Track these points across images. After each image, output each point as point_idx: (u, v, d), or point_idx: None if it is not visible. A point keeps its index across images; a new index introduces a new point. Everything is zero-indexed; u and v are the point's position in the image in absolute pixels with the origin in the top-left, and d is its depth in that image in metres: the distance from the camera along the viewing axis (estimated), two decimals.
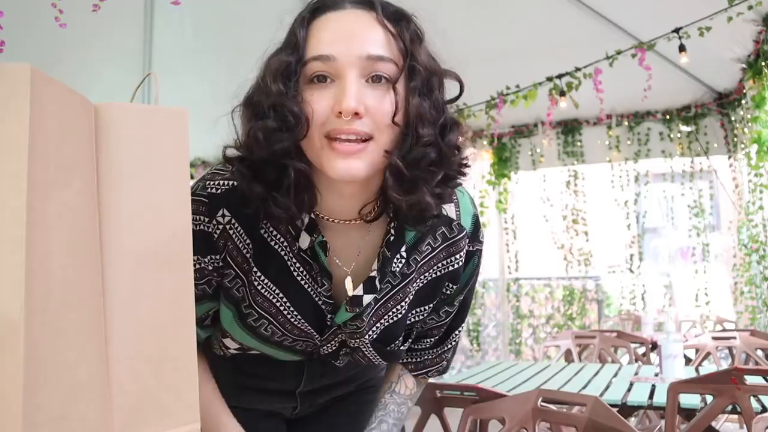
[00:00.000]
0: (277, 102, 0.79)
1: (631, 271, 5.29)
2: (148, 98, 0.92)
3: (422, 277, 0.98)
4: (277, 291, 0.93)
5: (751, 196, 4.19)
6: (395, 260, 0.93)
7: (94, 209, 0.58)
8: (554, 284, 6.18)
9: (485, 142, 5.46)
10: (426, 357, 1.11)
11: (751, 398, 1.77)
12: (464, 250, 0.99)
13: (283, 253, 0.92)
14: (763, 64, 3.64)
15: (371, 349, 0.99)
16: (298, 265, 0.92)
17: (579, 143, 5.28)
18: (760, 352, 2.98)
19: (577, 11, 3.75)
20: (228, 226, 0.89)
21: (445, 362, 1.13)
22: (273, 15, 0.86)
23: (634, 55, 3.73)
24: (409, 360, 1.11)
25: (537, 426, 1.39)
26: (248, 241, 0.91)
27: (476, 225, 1.01)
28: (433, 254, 0.97)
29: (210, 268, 0.91)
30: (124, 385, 0.59)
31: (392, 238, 0.92)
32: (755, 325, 4.28)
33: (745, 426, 1.73)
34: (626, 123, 5.11)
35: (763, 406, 1.86)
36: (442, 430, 1.71)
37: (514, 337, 5.67)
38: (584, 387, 2.38)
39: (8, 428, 0.47)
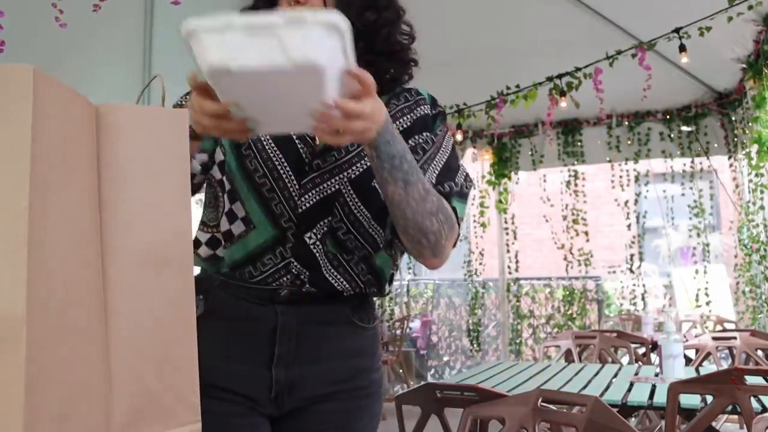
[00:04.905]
0: None
1: (631, 271, 5.29)
2: (148, 99, 0.93)
3: (395, 124, 1.12)
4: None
5: (751, 196, 4.20)
6: None
7: (95, 209, 0.58)
8: (554, 284, 6.18)
9: (485, 142, 5.47)
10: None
11: (751, 398, 1.77)
12: (427, 107, 1.16)
13: None
14: (764, 64, 3.64)
15: (353, 193, 1.07)
16: None
17: (579, 143, 5.28)
18: (760, 353, 2.98)
19: (577, 11, 3.75)
20: None
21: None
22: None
23: (634, 55, 3.73)
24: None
25: (537, 426, 1.39)
26: None
27: (433, 97, 1.18)
28: (398, 108, 1.15)
29: None
30: (124, 385, 0.59)
31: None
32: (756, 326, 4.28)
33: (745, 426, 1.74)
34: (626, 123, 5.11)
35: (763, 406, 1.86)
36: (442, 430, 1.71)
37: (514, 338, 5.67)
38: (584, 387, 2.38)
39: (9, 427, 0.47)
